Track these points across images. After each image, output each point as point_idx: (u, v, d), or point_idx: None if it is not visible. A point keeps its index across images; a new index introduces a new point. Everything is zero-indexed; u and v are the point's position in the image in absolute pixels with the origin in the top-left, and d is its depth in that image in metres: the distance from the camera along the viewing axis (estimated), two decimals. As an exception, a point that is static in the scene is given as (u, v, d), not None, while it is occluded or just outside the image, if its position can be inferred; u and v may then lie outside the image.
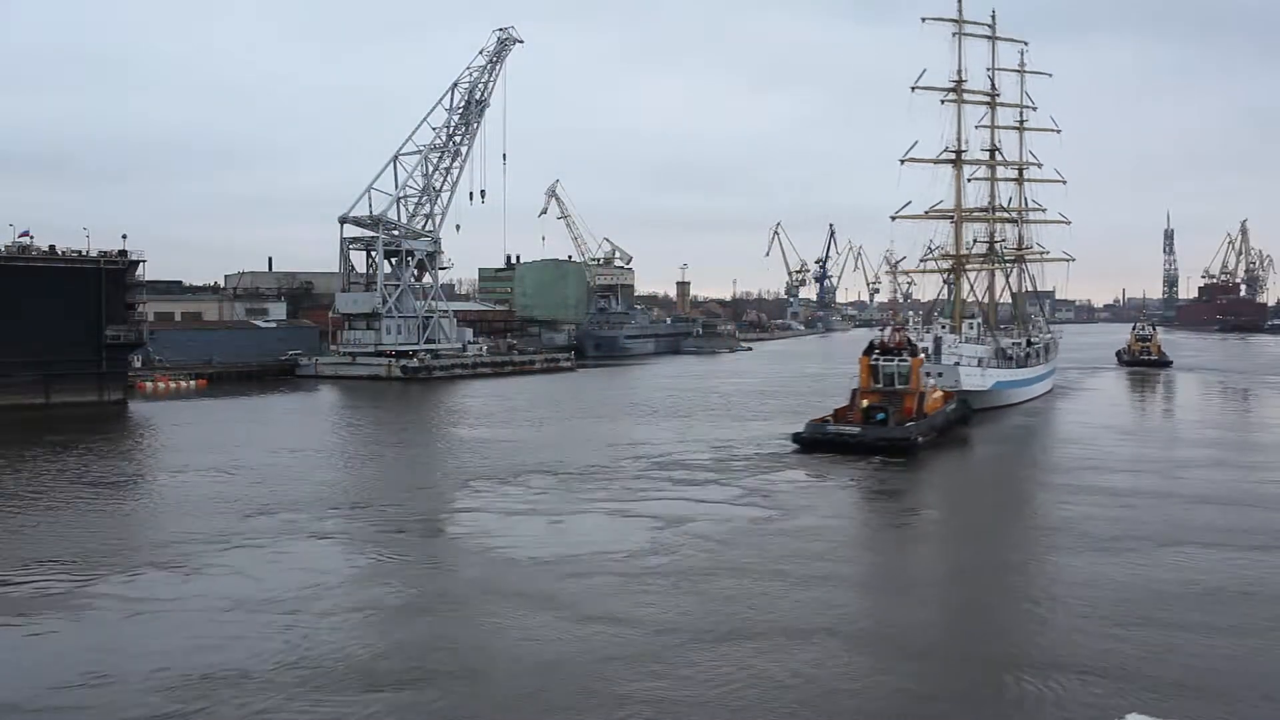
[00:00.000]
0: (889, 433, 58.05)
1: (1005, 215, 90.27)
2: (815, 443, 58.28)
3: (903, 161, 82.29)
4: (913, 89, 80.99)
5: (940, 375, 69.20)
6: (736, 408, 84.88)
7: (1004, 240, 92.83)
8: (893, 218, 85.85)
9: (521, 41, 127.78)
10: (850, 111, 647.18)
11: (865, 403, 61.28)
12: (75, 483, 48.42)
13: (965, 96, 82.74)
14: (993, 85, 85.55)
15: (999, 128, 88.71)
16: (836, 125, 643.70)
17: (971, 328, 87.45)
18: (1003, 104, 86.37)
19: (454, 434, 70.21)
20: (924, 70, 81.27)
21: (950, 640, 27.61)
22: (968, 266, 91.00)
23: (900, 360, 62.82)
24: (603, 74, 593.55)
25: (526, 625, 27.16)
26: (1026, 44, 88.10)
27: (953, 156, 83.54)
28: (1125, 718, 20.32)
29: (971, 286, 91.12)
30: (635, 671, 23.79)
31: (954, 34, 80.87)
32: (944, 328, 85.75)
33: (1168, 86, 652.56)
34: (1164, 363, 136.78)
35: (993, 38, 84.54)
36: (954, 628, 29.00)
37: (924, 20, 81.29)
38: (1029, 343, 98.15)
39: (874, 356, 63.45)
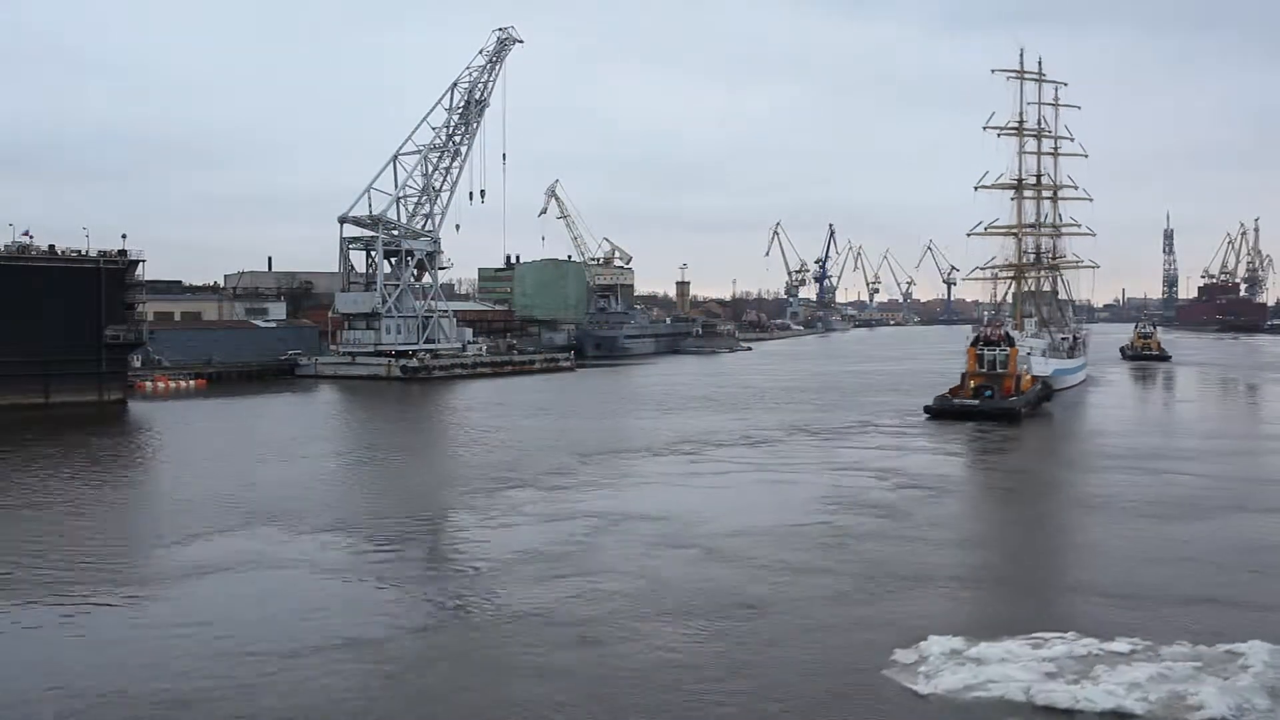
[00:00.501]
0: (1000, 404, 72.46)
1: (1051, 230, 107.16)
2: (942, 412, 72.60)
3: (976, 189, 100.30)
4: (984, 128, 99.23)
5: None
6: (782, 401, 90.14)
7: (1049, 251, 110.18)
8: (968, 234, 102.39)
9: (521, 41, 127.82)
10: (840, 107, 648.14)
11: (974, 383, 75.81)
12: (73, 484, 48.35)
13: (1010, 132, 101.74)
14: (1040, 121, 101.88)
15: (1043, 154, 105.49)
16: (828, 121, 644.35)
17: (1031, 324, 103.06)
18: (1047, 135, 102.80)
19: (518, 426, 71.98)
20: (993, 113, 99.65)
21: (1073, 578, 32.68)
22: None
23: (1001, 350, 76.99)
24: (590, 71, 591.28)
25: (735, 572, 32.03)
26: (1065, 84, 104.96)
27: (1014, 183, 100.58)
28: (1249, 643, 23.37)
29: (1030, 287, 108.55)
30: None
31: (1009, 78, 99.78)
32: (1009, 324, 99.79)
33: (1163, 82, 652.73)
34: (1164, 357, 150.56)
35: (1040, 80, 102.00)
36: (1075, 569, 33.99)
37: (993, 71, 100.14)
38: (1075, 338, 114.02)
39: (979, 347, 77.66)
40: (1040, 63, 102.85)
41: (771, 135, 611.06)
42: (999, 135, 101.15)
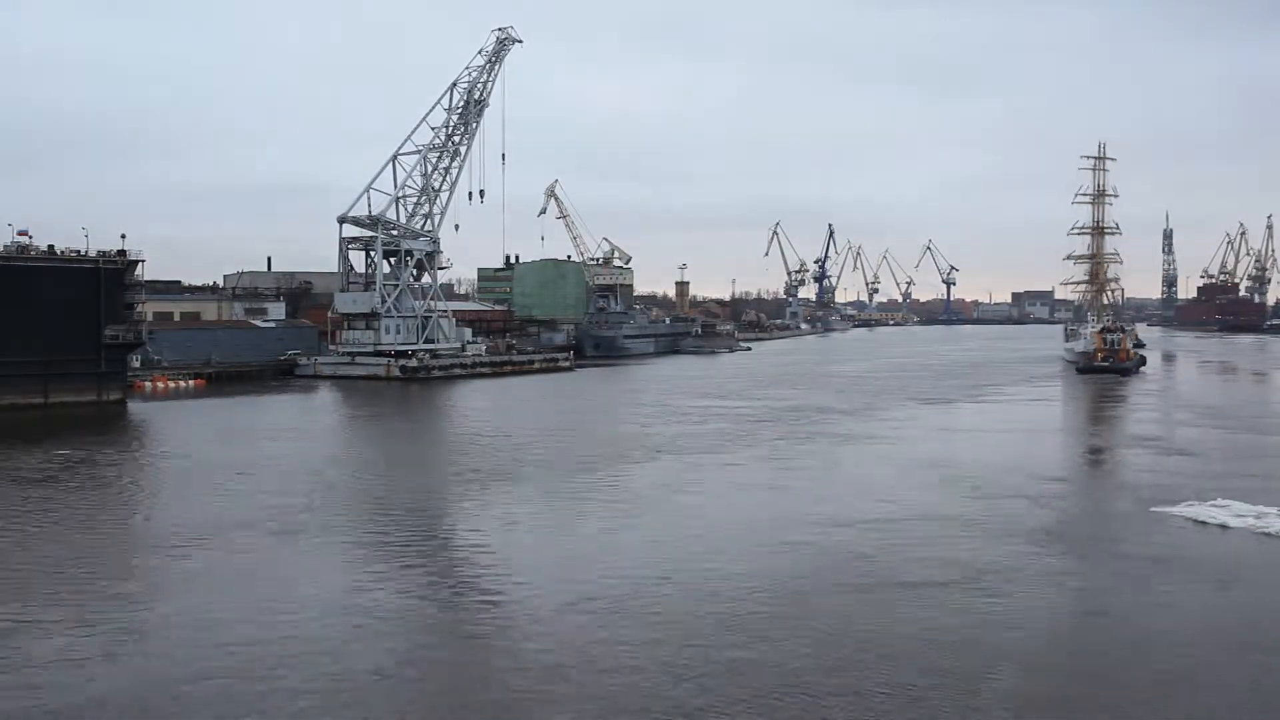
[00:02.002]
0: (1119, 365, 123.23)
1: (1113, 257, 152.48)
2: (1087, 369, 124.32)
3: (1069, 234, 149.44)
4: (1073, 199, 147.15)
5: None
6: (913, 382, 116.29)
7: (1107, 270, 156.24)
8: (1067, 259, 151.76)
9: (520, 41, 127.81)
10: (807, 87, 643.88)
11: (1100, 355, 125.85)
12: (75, 487, 48.34)
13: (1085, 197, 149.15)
14: (1100, 187, 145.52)
15: (1097, 204, 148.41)
16: (799, 105, 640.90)
17: (1108, 319, 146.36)
18: (1103, 194, 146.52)
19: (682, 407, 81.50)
20: (1082, 184, 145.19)
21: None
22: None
23: (1117, 334, 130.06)
24: (562, 63, 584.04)
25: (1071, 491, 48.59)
26: (1115, 159, 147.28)
27: (1094, 229, 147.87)
28: None
29: (1106, 293, 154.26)
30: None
31: (1093, 165, 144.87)
32: (1095, 319, 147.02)
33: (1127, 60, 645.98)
34: (1139, 344, 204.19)
35: (1102, 158, 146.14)
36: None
37: (1082, 157, 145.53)
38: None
39: (1104, 333, 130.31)
40: (1104, 147, 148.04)
41: (748, 121, 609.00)
42: (1073, 203, 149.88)
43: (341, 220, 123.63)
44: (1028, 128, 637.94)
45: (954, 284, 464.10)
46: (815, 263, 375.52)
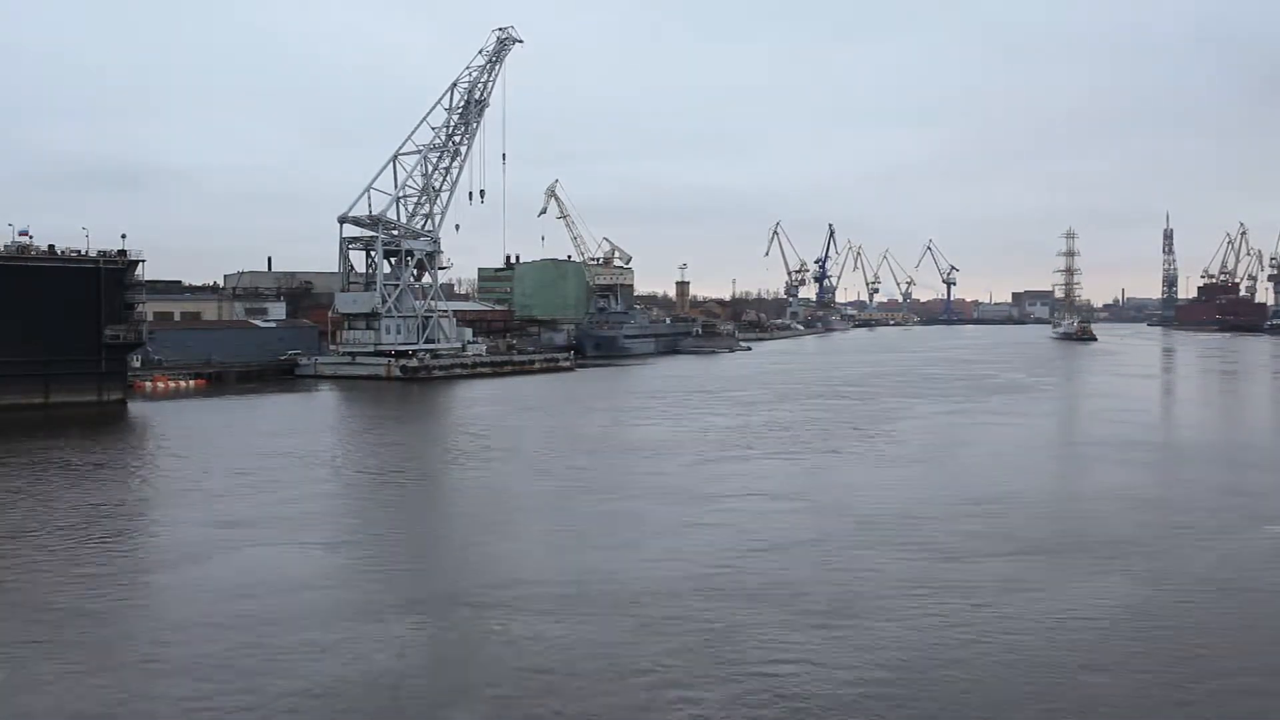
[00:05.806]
0: (1086, 337, 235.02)
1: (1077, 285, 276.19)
2: (1074, 339, 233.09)
3: (1055, 271, 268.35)
4: (1057, 254, 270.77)
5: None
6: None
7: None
8: (1054, 286, 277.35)
9: (521, 41, 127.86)
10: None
11: (1079, 333, 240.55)
12: (73, 487, 48.23)
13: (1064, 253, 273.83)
14: (1070, 248, 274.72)
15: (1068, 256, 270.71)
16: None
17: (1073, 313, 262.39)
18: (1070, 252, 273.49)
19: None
20: (1061, 248, 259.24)
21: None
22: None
23: (1088, 324, 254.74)
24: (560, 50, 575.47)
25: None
26: (1077, 237, 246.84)
27: (1067, 270, 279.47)
28: None
29: (1075, 300, 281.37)
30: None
31: (1065, 237, 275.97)
32: (1069, 317, 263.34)
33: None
34: (1092, 339, 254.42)
35: (1071, 237, 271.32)
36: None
37: (1058, 251, 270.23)
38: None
39: (1080, 324, 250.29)
40: (1073, 234, 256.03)
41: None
42: (1057, 254, 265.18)
43: (342, 220, 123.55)
44: (1074, 157, 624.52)
45: (954, 284, 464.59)
46: (815, 263, 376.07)
